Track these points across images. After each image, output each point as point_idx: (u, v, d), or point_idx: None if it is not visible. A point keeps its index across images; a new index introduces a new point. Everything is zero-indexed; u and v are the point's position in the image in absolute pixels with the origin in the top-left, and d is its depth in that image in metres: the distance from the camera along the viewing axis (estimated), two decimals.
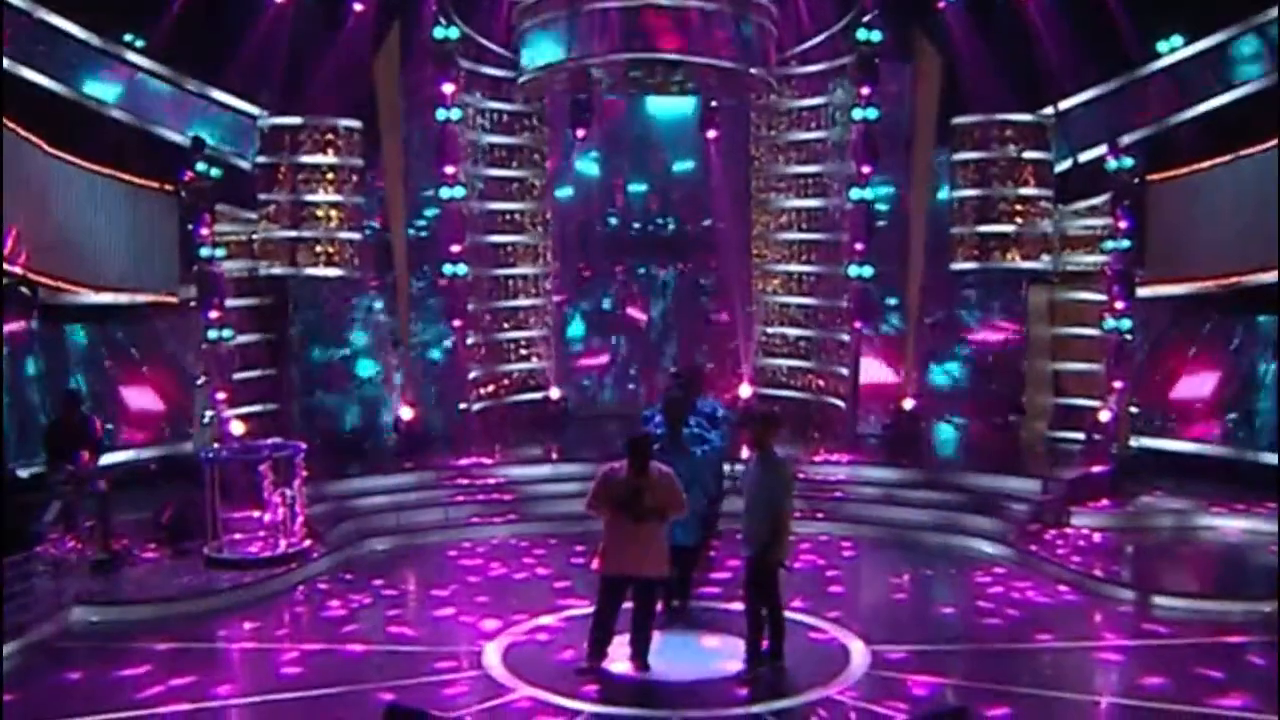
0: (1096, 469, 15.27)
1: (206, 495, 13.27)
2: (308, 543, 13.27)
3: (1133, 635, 11.06)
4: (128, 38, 16.30)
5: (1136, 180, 15.58)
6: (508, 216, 18.69)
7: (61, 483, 12.76)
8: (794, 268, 18.89)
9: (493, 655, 10.43)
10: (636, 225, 19.71)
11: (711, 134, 18.80)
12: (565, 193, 19.33)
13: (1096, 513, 14.37)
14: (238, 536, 13.27)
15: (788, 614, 10.49)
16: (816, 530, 14.38)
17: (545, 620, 11.34)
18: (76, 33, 15.42)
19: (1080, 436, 16.51)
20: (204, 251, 15.16)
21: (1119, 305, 15.52)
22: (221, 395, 15.37)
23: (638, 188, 19.63)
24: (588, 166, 19.41)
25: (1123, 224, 15.48)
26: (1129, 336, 15.53)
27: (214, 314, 15.21)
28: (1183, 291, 15.97)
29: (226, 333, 15.42)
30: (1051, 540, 13.62)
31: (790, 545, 10.05)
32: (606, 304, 19.91)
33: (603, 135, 19.01)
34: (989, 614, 11.71)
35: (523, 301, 18.95)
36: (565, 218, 19.26)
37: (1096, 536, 13.76)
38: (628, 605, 9.92)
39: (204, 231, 15.17)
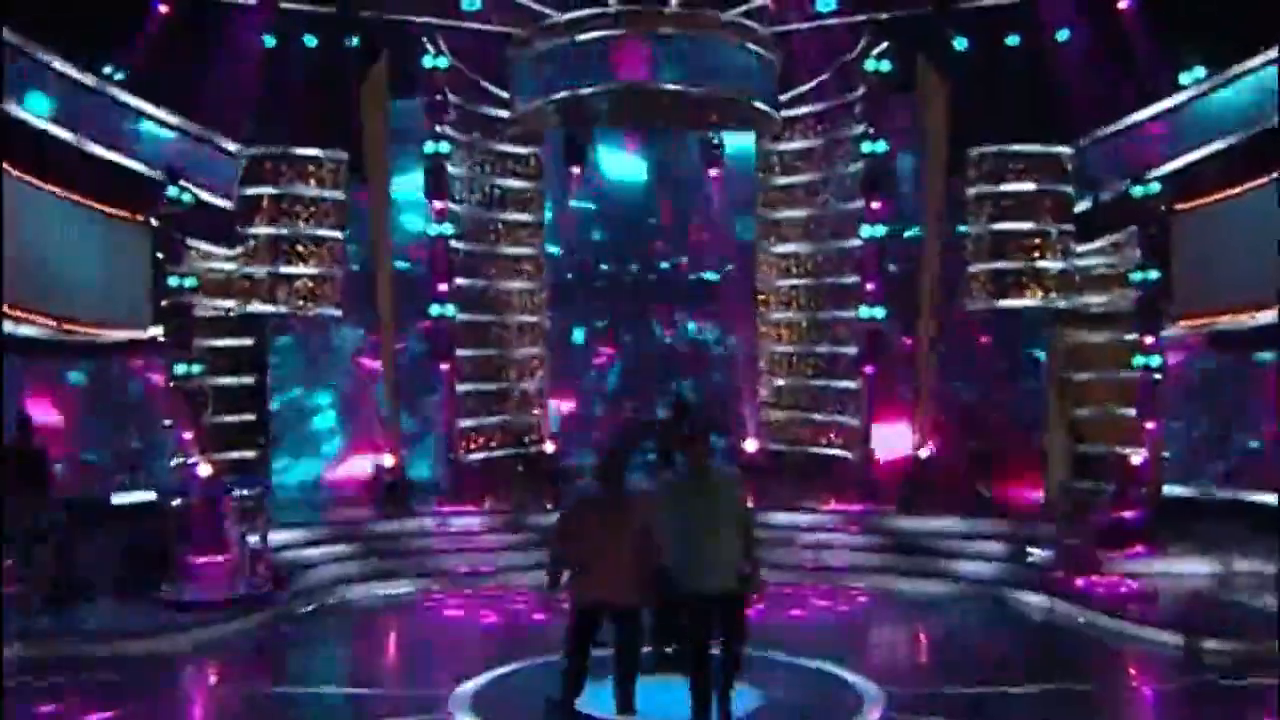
0: (1128, 515, 14.16)
1: (166, 535, 12.40)
2: (269, 587, 12.31)
3: (1171, 679, 10.06)
4: (107, 70, 15.62)
5: (1163, 208, 14.65)
6: (500, 260, 17.91)
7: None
8: (799, 315, 18.04)
9: (461, 700, 9.39)
10: (634, 272, 18.78)
11: (714, 173, 18.02)
12: (560, 236, 18.52)
13: (1130, 560, 13.31)
14: (196, 578, 12.28)
15: (803, 661, 9.48)
16: (830, 579, 13.43)
17: (518, 665, 10.32)
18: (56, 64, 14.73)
19: (1104, 486, 15.37)
20: (173, 281, 14.28)
21: (1148, 341, 14.52)
22: (189, 435, 14.36)
23: (636, 231, 18.73)
24: (583, 209, 18.57)
25: (1150, 254, 14.52)
26: (1159, 375, 14.51)
27: (182, 348, 14.26)
28: (1212, 328, 14.94)
29: (196, 368, 14.47)
30: (1083, 586, 12.57)
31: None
32: (601, 370, 18.96)
33: (599, 175, 18.23)
34: (1014, 657, 10.71)
35: (515, 351, 18.07)
36: (559, 264, 18.44)
37: (1132, 583, 12.67)
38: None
39: (174, 261, 14.30)
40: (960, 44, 16.31)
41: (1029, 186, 15.67)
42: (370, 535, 14.70)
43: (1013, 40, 16.18)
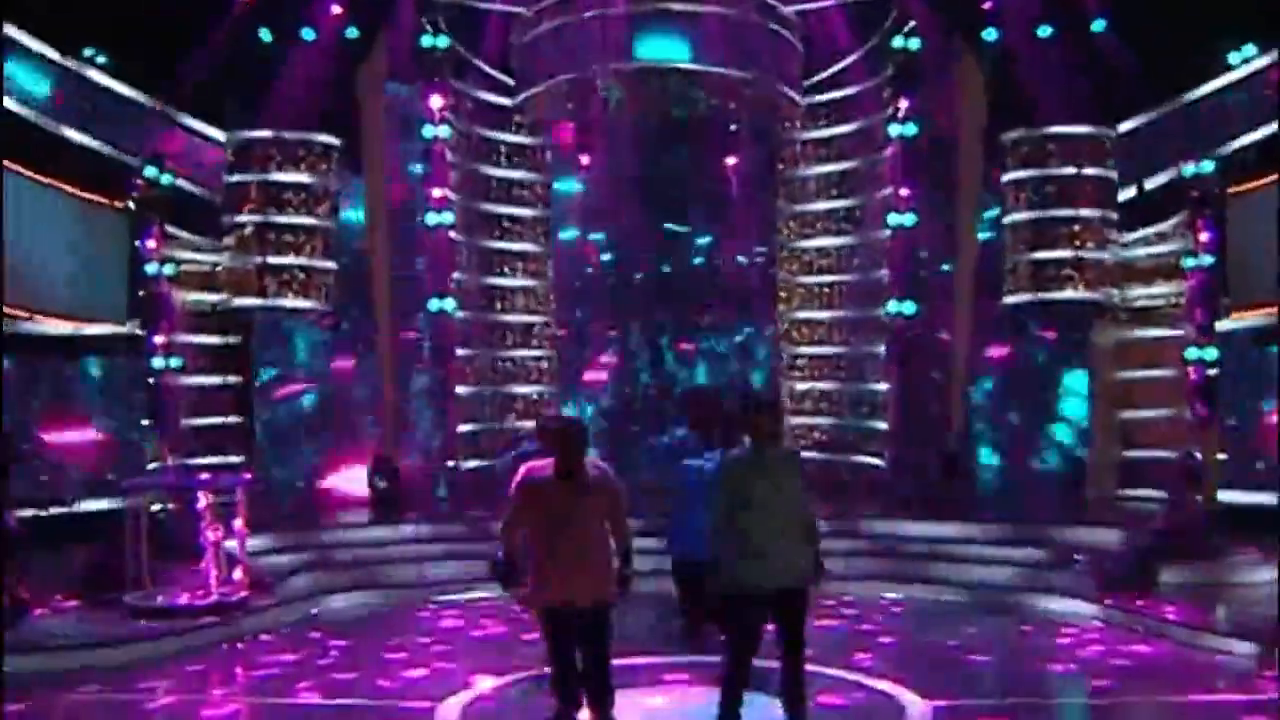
0: (1183, 520, 13.23)
1: (133, 535, 11.56)
2: (247, 594, 11.46)
3: (1243, 690, 9.12)
4: (88, 52, 14.88)
5: (1217, 190, 13.79)
6: (503, 256, 17.15)
7: None
8: (825, 314, 17.20)
9: (451, 713, 8.55)
10: (647, 268, 17.84)
11: (733, 161, 17.17)
12: (568, 233, 17.71)
13: (1187, 568, 12.33)
14: (167, 585, 11.48)
15: (838, 672, 8.89)
16: (862, 588, 12.53)
17: (513, 678, 9.45)
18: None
19: (1155, 494, 14.51)
20: (150, 268, 13.51)
21: (1202, 333, 13.63)
22: (166, 435, 13.57)
23: (649, 225, 17.80)
24: (592, 202, 17.70)
25: (1204, 236, 13.67)
26: (1214, 370, 13.61)
27: (160, 340, 13.50)
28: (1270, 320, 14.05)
29: (175, 362, 13.70)
30: (1139, 595, 11.65)
31: None
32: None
33: (609, 166, 17.40)
34: (1071, 668, 9.83)
35: (521, 352, 17.28)
36: (566, 260, 17.62)
37: (1192, 591, 11.72)
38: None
39: (151, 246, 13.57)
40: (993, 30, 15.51)
41: (1071, 170, 14.86)
42: (360, 543, 13.79)
43: (1052, 16, 15.37)
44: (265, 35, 15.30)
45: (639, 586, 7.61)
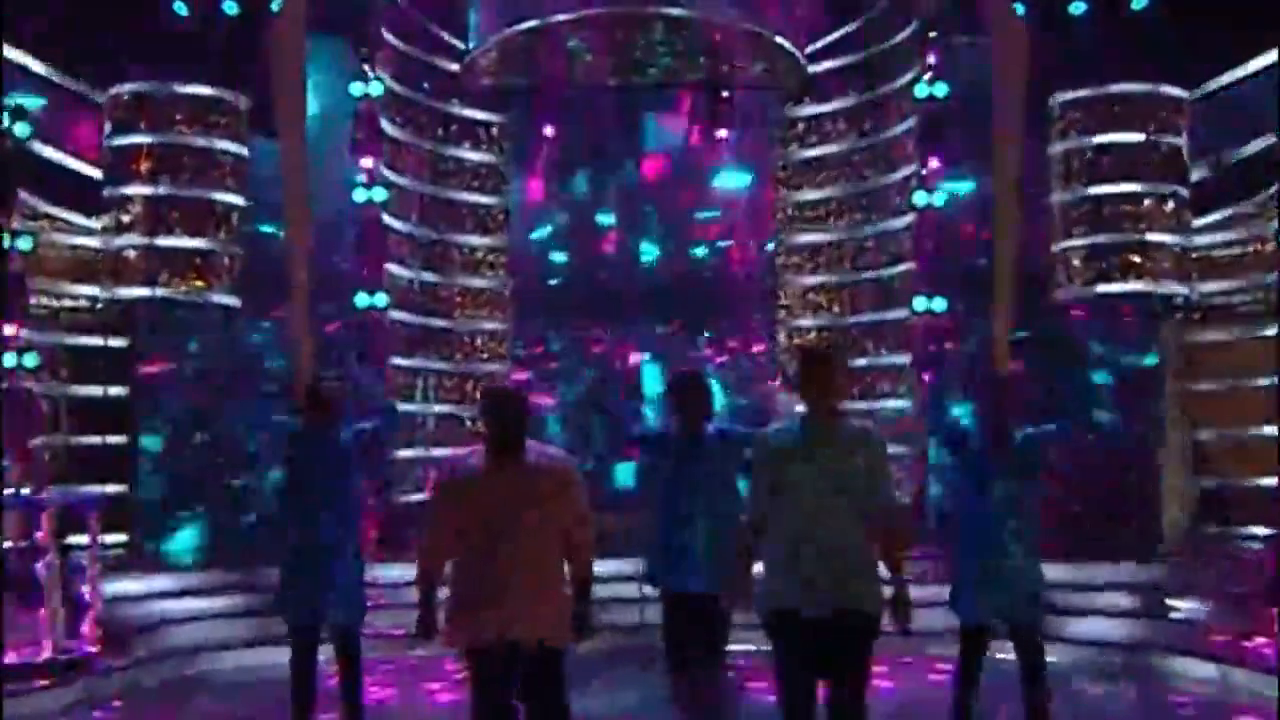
0: None
1: None
2: (98, 649, 9.35)
3: None
4: None
5: None
6: (450, 250, 15.18)
7: None
8: (833, 319, 15.20)
9: None
10: (621, 267, 15.74)
11: (723, 134, 15.13)
12: (528, 222, 15.69)
13: None
14: None
15: None
16: (920, 645, 10.19)
17: None
18: None
19: (1240, 529, 12.60)
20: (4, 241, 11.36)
21: None
22: (20, 452, 11.35)
23: (624, 216, 15.78)
24: (557, 186, 15.66)
25: None
26: None
27: (10, 330, 11.31)
28: None
29: (29, 359, 11.49)
30: (1253, 649, 9.68)
31: None
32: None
33: (577, 142, 15.40)
34: None
35: (468, 366, 15.24)
36: (526, 257, 15.61)
37: None
38: None
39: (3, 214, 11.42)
40: None
41: (1134, 138, 12.96)
42: (262, 586, 11.51)
43: None
44: None
45: (599, 620, 5.99)
